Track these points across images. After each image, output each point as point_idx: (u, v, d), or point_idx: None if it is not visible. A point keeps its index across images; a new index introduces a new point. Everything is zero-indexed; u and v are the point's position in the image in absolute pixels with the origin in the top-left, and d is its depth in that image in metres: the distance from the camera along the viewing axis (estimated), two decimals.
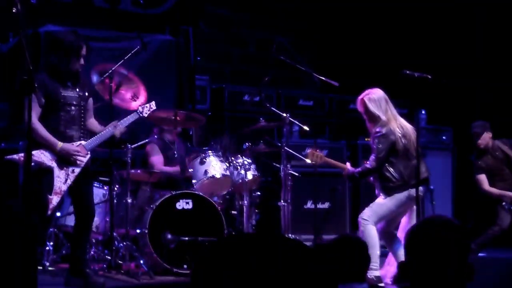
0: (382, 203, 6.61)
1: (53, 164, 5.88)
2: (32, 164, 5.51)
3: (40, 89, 5.31)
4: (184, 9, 9.88)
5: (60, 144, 5.88)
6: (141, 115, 6.55)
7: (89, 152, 6.06)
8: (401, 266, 2.94)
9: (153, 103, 6.68)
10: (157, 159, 7.79)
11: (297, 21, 11.86)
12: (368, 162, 6.68)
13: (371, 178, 6.77)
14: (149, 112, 6.62)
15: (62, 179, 5.88)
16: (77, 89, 6.10)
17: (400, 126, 6.65)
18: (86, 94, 6.20)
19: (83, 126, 6.13)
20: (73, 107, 6.03)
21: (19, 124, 7.32)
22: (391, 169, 6.57)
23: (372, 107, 6.66)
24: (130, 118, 6.42)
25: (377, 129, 6.61)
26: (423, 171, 6.55)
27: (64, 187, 5.89)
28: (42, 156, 5.84)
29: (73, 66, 6.01)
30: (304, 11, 11.81)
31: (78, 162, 5.96)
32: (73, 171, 5.95)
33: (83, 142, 6.04)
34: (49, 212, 5.87)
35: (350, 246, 3.78)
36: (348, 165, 6.96)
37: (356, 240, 3.94)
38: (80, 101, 6.09)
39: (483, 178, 8.34)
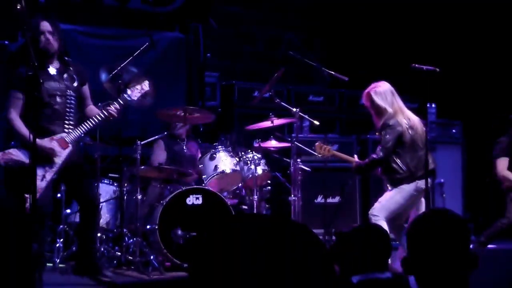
0: (390, 197, 6.59)
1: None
2: (11, 163, 5.55)
3: (20, 83, 5.28)
4: (194, 6, 9.87)
5: None
6: (129, 98, 6.27)
7: (70, 145, 5.90)
8: (404, 261, 2.95)
9: (145, 83, 6.38)
10: (155, 157, 7.71)
11: (307, 18, 11.86)
12: (375, 154, 6.68)
13: (379, 171, 6.76)
14: (139, 94, 6.33)
15: (39, 177, 5.56)
16: (64, 77, 6.00)
17: (407, 118, 6.63)
18: (77, 83, 6.07)
19: (69, 119, 5.97)
20: (57, 99, 5.90)
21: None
22: (398, 161, 6.56)
23: (378, 100, 6.65)
24: (116, 103, 6.13)
25: (384, 121, 6.60)
26: (429, 162, 6.52)
27: (42, 184, 5.70)
28: (20, 154, 5.72)
29: (45, 44, 5.91)
30: (314, 7, 11.80)
31: (55, 157, 5.82)
32: (51, 167, 5.82)
33: (63, 135, 5.90)
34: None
35: (371, 234, 3.74)
36: (355, 157, 6.96)
37: (376, 229, 3.90)
38: (66, 90, 5.96)
39: (503, 162, 8.05)
